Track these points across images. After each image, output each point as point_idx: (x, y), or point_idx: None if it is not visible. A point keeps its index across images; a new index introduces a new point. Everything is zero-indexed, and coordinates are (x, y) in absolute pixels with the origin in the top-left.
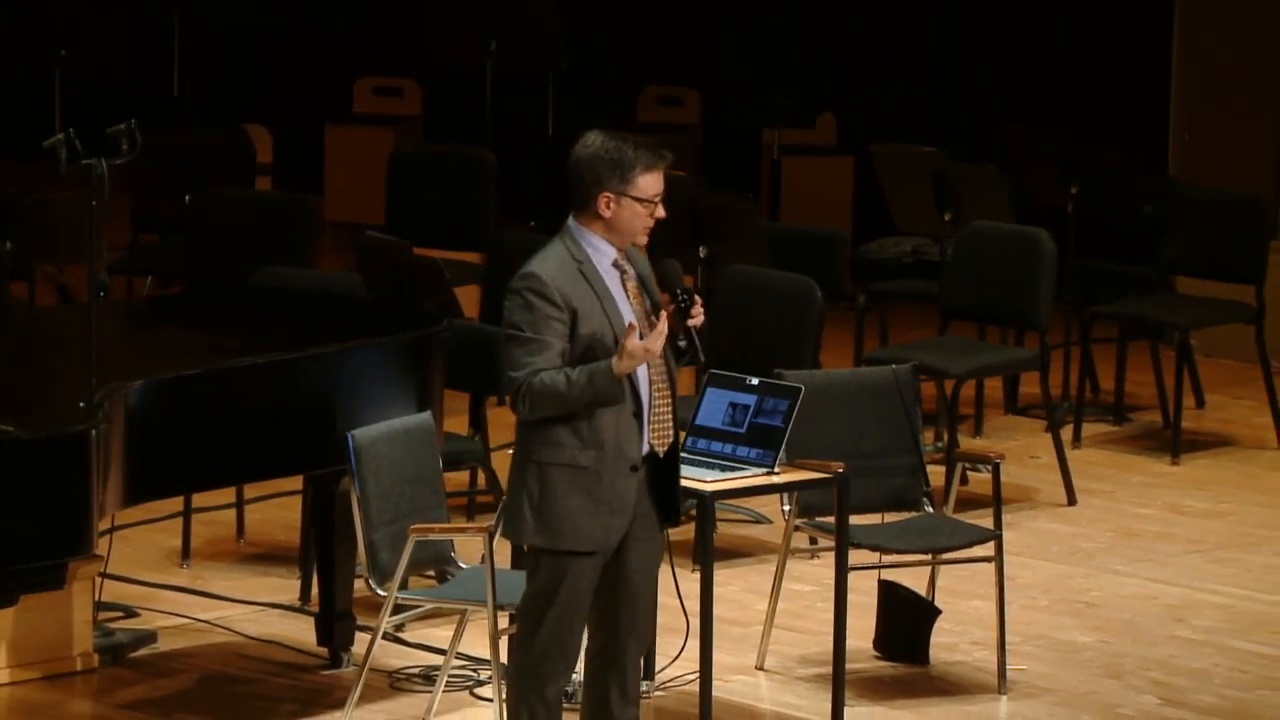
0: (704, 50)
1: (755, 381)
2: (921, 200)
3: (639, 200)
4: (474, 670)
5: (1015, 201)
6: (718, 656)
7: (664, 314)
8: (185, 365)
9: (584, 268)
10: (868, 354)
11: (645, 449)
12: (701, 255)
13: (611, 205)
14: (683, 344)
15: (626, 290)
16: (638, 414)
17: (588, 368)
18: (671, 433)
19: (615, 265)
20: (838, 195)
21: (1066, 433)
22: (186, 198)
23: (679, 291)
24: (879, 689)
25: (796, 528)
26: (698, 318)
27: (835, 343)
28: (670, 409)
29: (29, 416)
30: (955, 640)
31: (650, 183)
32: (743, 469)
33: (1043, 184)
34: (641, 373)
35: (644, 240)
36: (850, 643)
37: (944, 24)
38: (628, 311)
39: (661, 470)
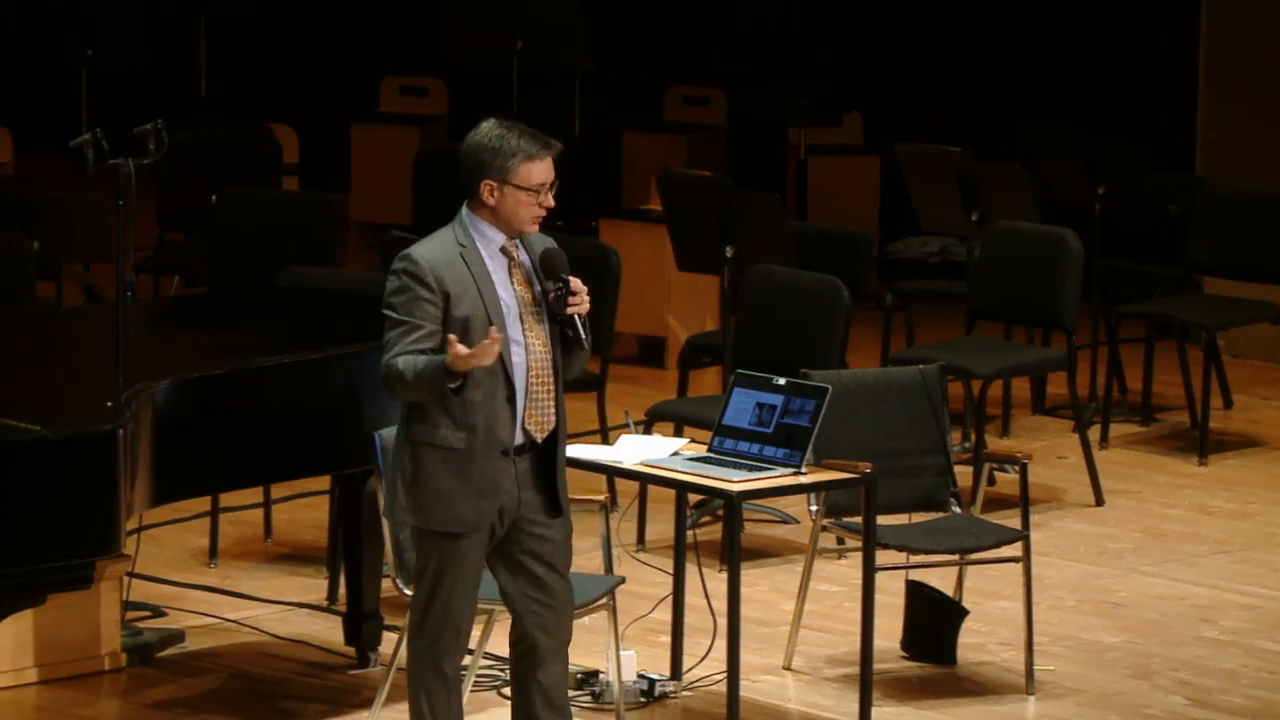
0: (729, 49)
1: (782, 381)
2: (947, 200)
3: (521, 189)
4: (501, 670)
5: (1040, 201)
6: (745, 656)
7: (488, 340)
8: (212, 365)
9: (466, 253)
10: (894, 354)
11: (520, 437)
12: (728, 255)
13: (495, 193)
14: (569, 333)
15: (512, 277)
16: (511, 399)
17: (430, 359)
18: (553, 420)
19: (503, 251)
20: (864, 195)
21: (1094, 433)
22: (213, 197)
23: (557, 280)
24: (906, 689)
25: (824, 528)
26: (577, 306)
27: (862, 342)
28: (552, 397)
29: (56, 416)
30: (982, 640)
31: (532, 171)
32: (770, 469)
33: (1069, 184)
34: (519, 359)
35: (533, 229)
36: (877, 643)
37: (969, 22)
38: (508, 297)
39: (542, 459)
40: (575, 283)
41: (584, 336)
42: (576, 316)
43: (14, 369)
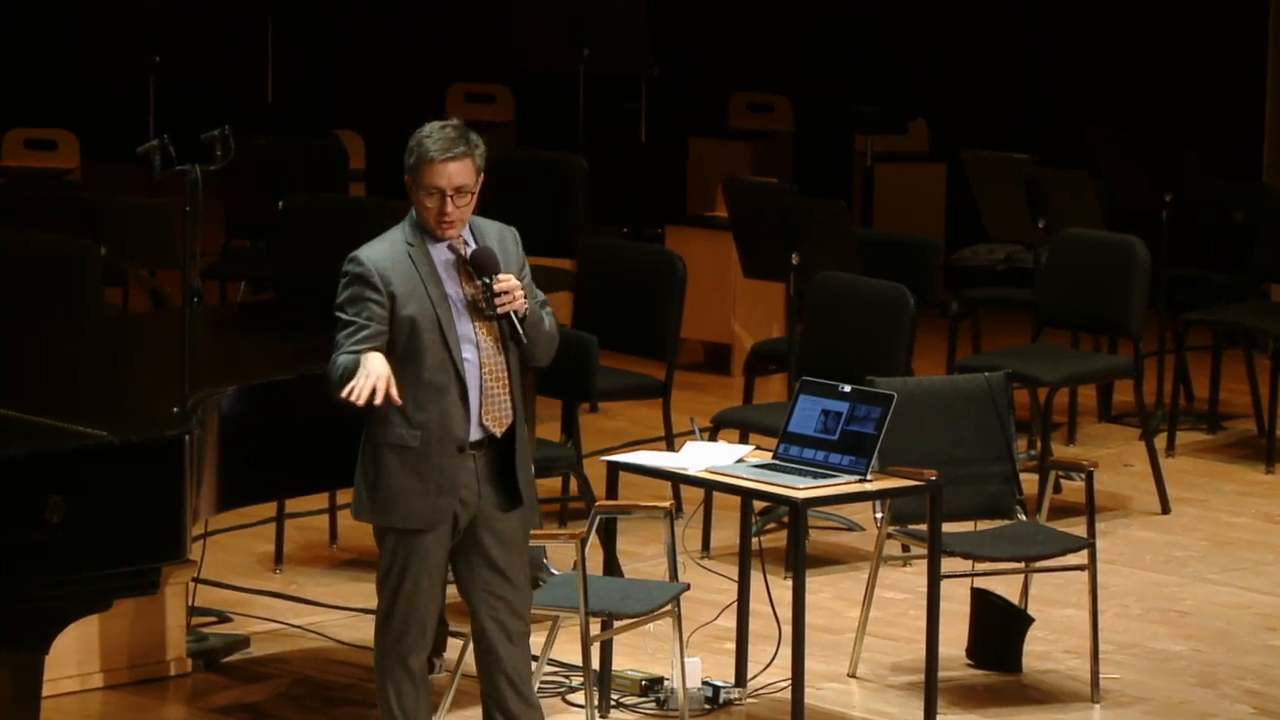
0: (795, 56)
1: (847, 388)
2: (1014, 207)
3: (422, 189)
4: (566, 676)
5: (1106, 208)
6: (810, 664)
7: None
8: (278, 371)
9: (413, 251)
10: (960, 361)
11: (478, 432)
12: (794, 262)
13: (411, 190)
14: (506, 330)
15: (460, 274)
16: (463, 396)
17: (356, 358)
18: (510, 415)
19: (451, 248)
20: (930, 202)
21: (1160, 441)
22: (279, 203)
23: (484, 280)
24: (971, 697)
25: (889, 535)
26: (505, 305)
27: (928, 350)
28: (506, 392)
29: (123, 422)
30: (1048, 649)
31: (426, 174)
32: (835, 476)
33: (1135, 190)
34: (471, 356)
35: (447, 233)
36: (942, 650)
37: (1035, 28)
38: (457, 295)
39: (501, 454)
40: (500, 282)
41: (519, 333)
42: (513, 315)
43: (81, 375)
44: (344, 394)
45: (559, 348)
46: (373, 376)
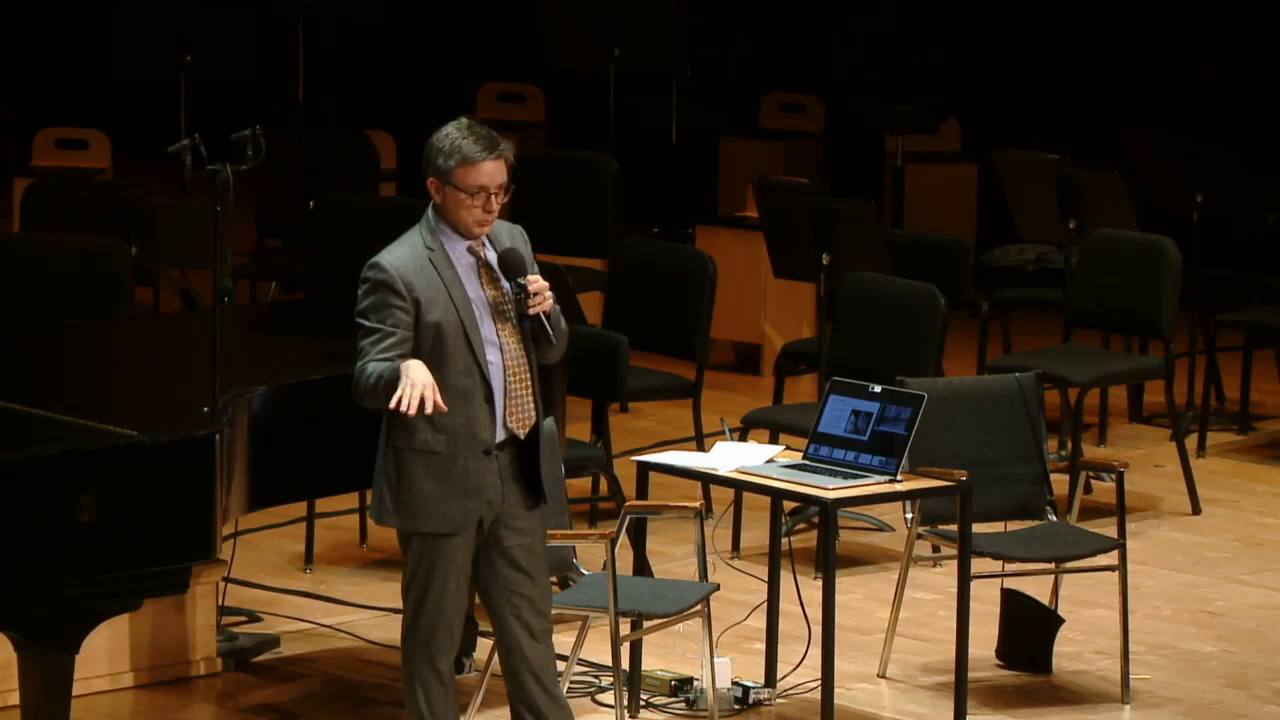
0: (827, 57)
1: (878, 389)
2: (1045, 207)
3: (459, 190)
4: (595, 676)
5: (1138, 208)
6: (839, 664)
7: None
8: (308, 371)
9: (434, 256)
10: (991, 362)
11: (502, 434)
12: (824, 262)
13: (439, 192)
14: (535, 331)
15: (481, 277)
16: (489, 399)
17: (393, 365)
18: (533, 416)
19: (470, 251)
20: (961, 202)
21: (1191, 441)
22: (310, 203)
23: (514, 284)
24: (1001, 698)
25: (919, 535)
26: (537, 306)
27: (958, 350)
28: (530, 392)
29: (154, 422)
30: (1078, 649)
31: (470, 174)
32: (865, 476)
33: (1168, 191)
34: (494, 359)
35: (480, 232)
36: (973, 651)
37: (1069, 30)
38: (479, 298)
39: (524, 453)
40: (533, 283)
41: (549, 334)
42: (542, 315)
43: (112, 375)
44: (393, 405)
45: (590, 348)
46: (419, 385)
